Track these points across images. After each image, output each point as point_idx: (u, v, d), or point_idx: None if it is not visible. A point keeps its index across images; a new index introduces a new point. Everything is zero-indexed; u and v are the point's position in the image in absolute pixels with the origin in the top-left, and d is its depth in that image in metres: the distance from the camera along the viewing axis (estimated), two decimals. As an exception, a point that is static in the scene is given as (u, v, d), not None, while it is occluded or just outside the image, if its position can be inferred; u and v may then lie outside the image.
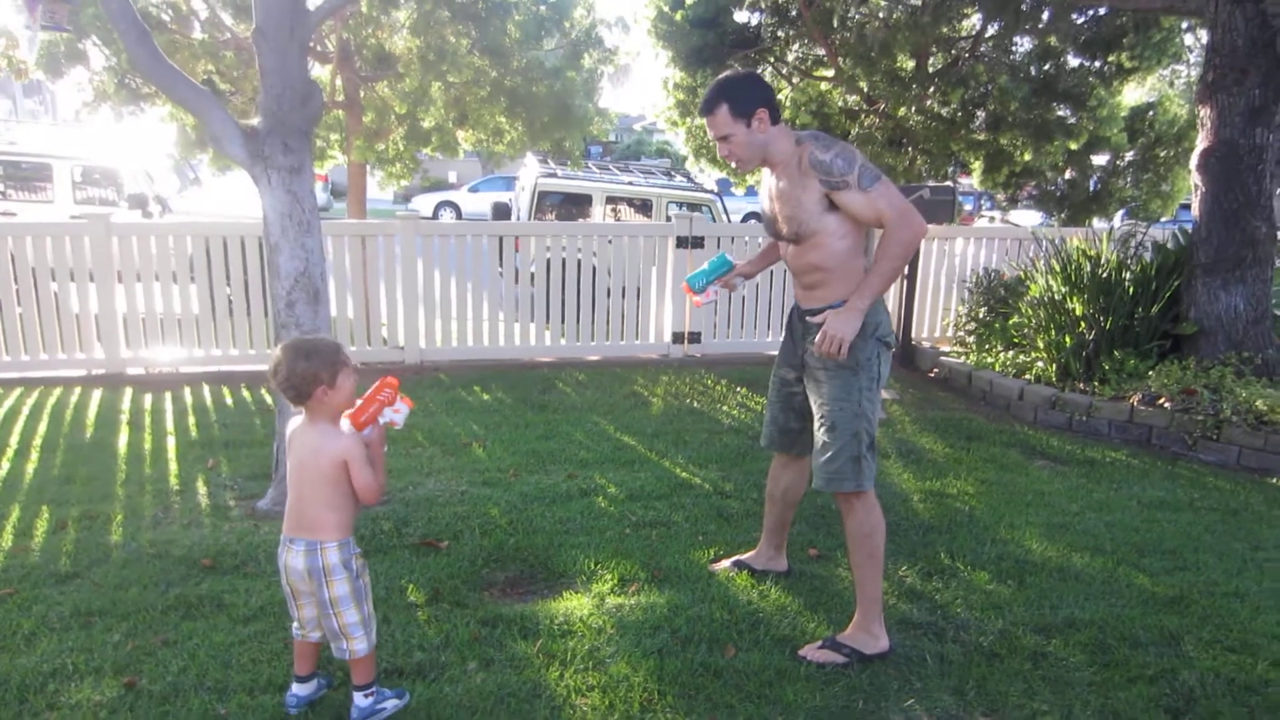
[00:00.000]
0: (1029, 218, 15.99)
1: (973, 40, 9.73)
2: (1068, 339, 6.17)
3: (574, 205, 10.72)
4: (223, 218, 9.22)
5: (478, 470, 4.65)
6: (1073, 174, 10.94)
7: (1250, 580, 3.66)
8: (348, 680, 2.58)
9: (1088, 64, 9.61)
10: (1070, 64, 9.67)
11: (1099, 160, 11.08)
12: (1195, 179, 6.15)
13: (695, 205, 10.50)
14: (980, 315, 7.29)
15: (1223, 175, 5.94)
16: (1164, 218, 11.20)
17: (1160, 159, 10.88)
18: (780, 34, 9.83)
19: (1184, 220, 6.89)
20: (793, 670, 2.88)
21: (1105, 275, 6.18)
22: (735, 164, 3.04)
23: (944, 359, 7.25)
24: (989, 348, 6.99)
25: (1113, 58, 9.36)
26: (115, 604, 3.17)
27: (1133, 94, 11.25)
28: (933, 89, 9.48)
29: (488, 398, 6.14)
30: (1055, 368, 6.22)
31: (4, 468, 4.59)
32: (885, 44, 8.56)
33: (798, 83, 10.34)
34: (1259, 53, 5.77)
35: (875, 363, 2.96)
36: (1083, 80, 9.46)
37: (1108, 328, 6.03)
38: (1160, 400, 5.55)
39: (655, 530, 3.95)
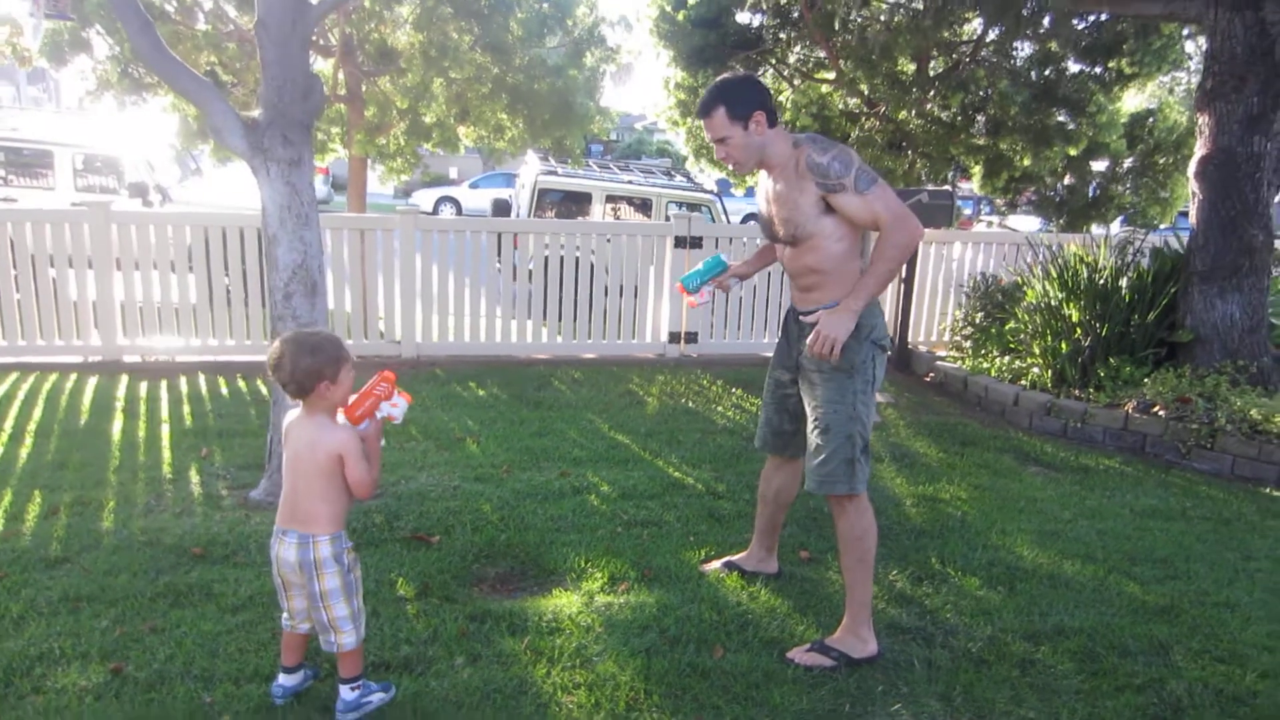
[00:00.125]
0: (1028, 223, 15.97)
1: (974, 45, 9.73)
2: (1064, 345, 6.17)
3: (574, 203, 10.71)
4: (223, 208, 9.24)
5: (471, 466, 4.65)
6: (1072, 180, 10.95)
7: (1241, 590, 3.66)
8: (334, 672, 2.58)
9: (1088, 70, 9.63)
10: (1071, 69, 9.69)
11: (1098, 166, 11.09)
12: (1193, 186, 6.16)
13: (695, 205, 10.48)
14: (977, 320, 7.29)
15: (1220, 183, 5.95)
16: (1163, 225, 11.23)
17: (1159, 166, 10.90)
18: (782, 35, 9.83)
19: (1183, 227, 6.89)
20: (780, 673, 2.88)
21: (1102, 282, 6.18)
22: (732, 166, 3.04)
23: (940, 363, 7.26)
24: (985, 353, 6.99)
25: (1113, 64, 9.37)
26: (104, 590, 3.17)
27: (1133, 100, 11.29)
28: (933, 93, 9.49)
29: (483, 393, 6.14)
30: (1051, 374, 6.23)
31: (-3, 454, 4.59)
32: (886, 47, 8.56)
33: (799, 84, 10.35)
34: (1258, 61, 5.78)
35: (870, 366, 2.96)
36: (1083, 86, 9.47)
37: (1104, 334, 6.04)
38: (1155, 408, 5.56)
39: (647, 529, 3.95)
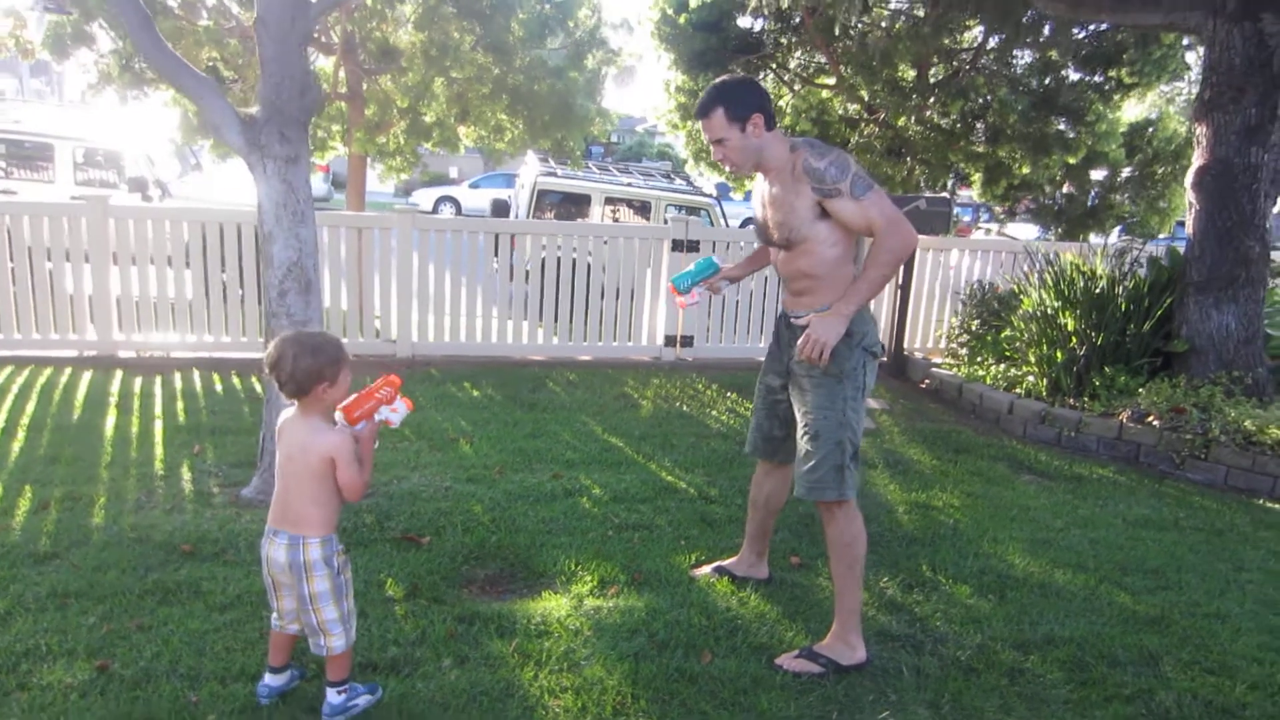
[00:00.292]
0: (1026, 231, 16.00)
1: (974, 52, 9.75)
2: (1059, 354, 6.17)
3: (573, 205, 10.71)
4: (222, 204, 9.24)
5: (463, 466, 4.64)
6: (1070, 188, 10.98)
7: (1232, 601, 3.66)
8: (321, 673, 2.58)
9: (1088, 79, 9.65)
10: (1070, 78, 9.71)
11: (1097, 175, 11.11)
12: (1190, 197, 6.16)
13: (694, 209, 10.48)
14: (973, 327, 7.29)
15: (1217, 193, 5.95)
16: (1161, 234, 11.23)
17: (1158, 175, 10.92)
18: (783, 40, 9.85)
19: (1181, 237, 6.90)
20: (768, 679, 2.87)
21: (1098, 291, 6.18)
22: (729, 168, 3.04)
23: (935, 370, 7.25)
24: (981, 360, 6.99)
25: (1113, 73, 9.40)
26: (92, 586, 3.16)
27: (1132, 110, 11.29)
28: (933, 99, 9.50)
29: (477, 394, 6.14)
30: (1046, 382, 6.22)
31: (-11, 448, 4.57)
32: (887, 53, 8.58)
33: (799, 89, 10.36)
34: (1256, 72, 5.78)
35: (861, 372, 2.96)
36: (1082, 95, 9.49)
37: (1099, 344, 6.03)
38: (1149, 418, 5.56)
39: (638, 533, 3.94)
